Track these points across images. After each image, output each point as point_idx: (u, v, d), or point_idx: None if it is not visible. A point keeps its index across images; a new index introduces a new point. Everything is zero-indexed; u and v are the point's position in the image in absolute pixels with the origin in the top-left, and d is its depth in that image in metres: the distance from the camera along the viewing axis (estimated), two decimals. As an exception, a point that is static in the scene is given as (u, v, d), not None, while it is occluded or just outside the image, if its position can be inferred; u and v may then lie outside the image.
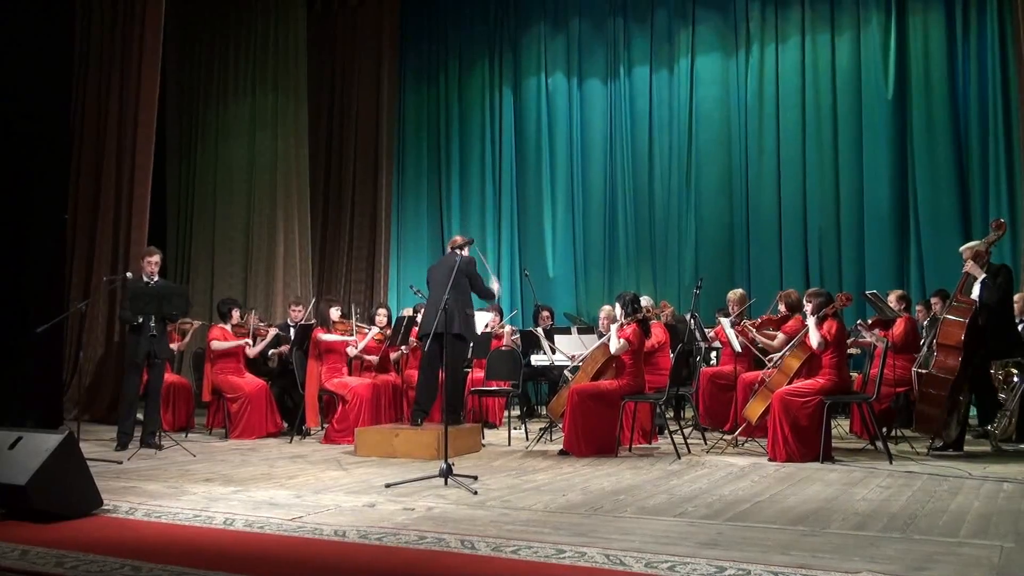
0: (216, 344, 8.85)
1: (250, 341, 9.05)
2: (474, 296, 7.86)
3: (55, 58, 10.40)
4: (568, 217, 12.65)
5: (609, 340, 7.46)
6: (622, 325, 7.43)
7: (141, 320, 7.75)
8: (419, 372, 7.91)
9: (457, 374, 7.78)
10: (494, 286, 8.03)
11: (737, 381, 8.12)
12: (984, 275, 7.06)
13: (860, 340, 8.67)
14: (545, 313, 10.67)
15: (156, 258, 8.10)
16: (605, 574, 3.54)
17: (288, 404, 9.38)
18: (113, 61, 10.86)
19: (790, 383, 7.00)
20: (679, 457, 6.96)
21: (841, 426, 8.63)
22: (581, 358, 7.97)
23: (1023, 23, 9.71)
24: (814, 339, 6.85)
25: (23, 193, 9.71)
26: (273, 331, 9.38)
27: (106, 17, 10.98)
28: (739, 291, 9.41)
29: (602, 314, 8.99)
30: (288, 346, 9.35)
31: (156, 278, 8.01)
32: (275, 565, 3.82)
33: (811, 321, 6.94)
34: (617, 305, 7.61)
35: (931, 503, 4.96)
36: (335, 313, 8.84)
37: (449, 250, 7.98)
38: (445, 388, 7.38)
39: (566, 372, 8.42)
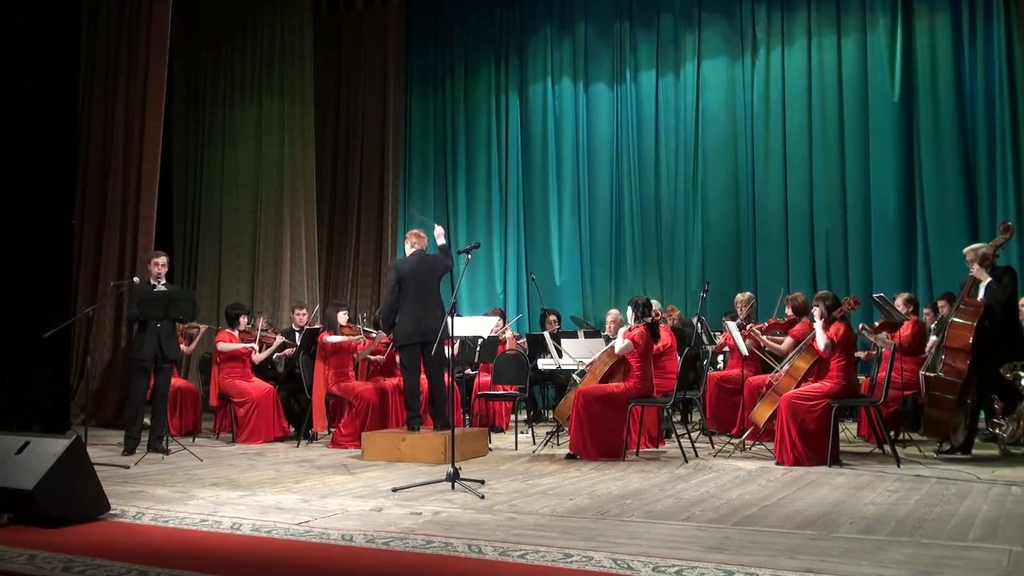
0: (222, 345, 8.88)
1: (255, 346, 9.07)
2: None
3: (62, 63, 10.44)
4: (574, 221, 12.64)
5: (619, 337, 7.46)
6: (630, 328, 7.42)
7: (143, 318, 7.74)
8: (406, 378, 7.74)
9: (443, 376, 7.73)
10: (439, 231, 7.88)
11: (744, 385, 8.10)
12: (989, 279, 7.05)
13: (870, 352, 8.67)
14: (552, 317, 10.67)
15: (163, 260, 8.05)
16: (612, 578, 3.54)
17: (295, 408, 9.40)
18: (119, 66, 10.90)
19: (797, 387, 6.99)
20: (686, 461, 6.95)
21: (849, 430, 8.62)
22: (589, 362, 7.95)
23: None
24: (821, 342, 6.85)
25: (30, 198, 9.75)
26: (280, 339, 9.40)
27: (112, 22, 11.02)
28: (747, 293, 9.39)
29: (609, 318, 8.99)
30: (293, 349, 9.36)
31: (164, 281, 7.98)
32: (282, 569, 3.82)
33: (818, 324, 6.94)
34: (629, 308, 7.60)
35: (939, 507, 4.94)
36: (343, 317, 8.85)
37: (416, 248, 7.72)
38: (443, 392, 7.41)
39: (574, 376, 8.41)
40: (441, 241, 7.86)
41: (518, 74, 13.15)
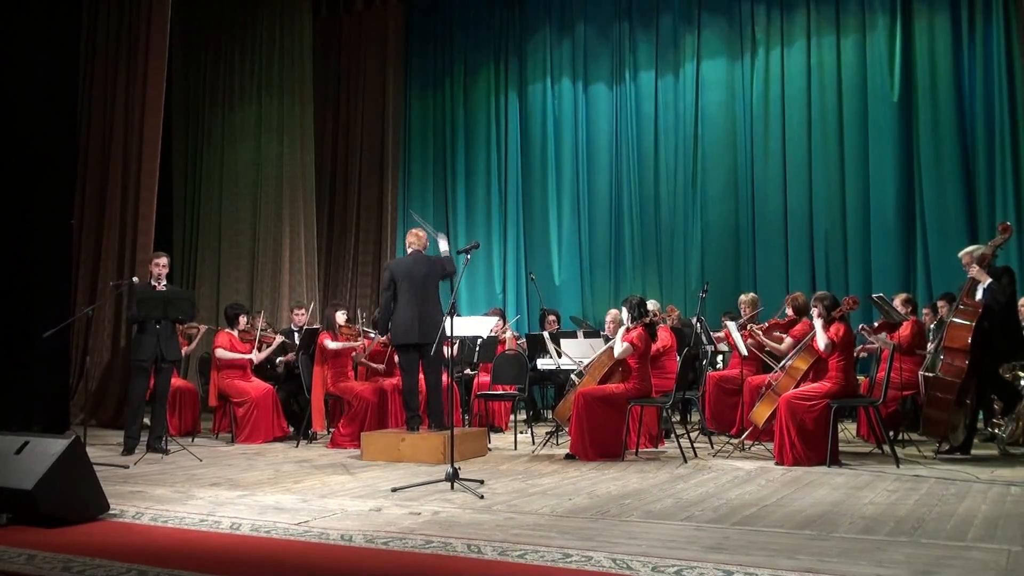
0: (220, 352, 8.87)
1: (252, 357, 9.01)
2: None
3: (61, 63, 10.45)
4: (574, 221, 12.64)
5: (618, 339, 7.46)
6: (628, 329, 7.42)
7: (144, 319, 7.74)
8: (404, 379, 7.73)
9: (441, 377, 7.72)
10: (444, 245, 7.78)
11: (743, 385, 8.11)
12: (989, 279, 7.06)
13: (868, 347, 8.66)
14: (551, 317, 10.67)
15: (164, 261, 8.06)
16: (611, 578, 3.54)
17: (294, 408, 9.40)
18: (119, 66, 10.90)
19: (797, 387, 6.99)
20: (685, 461, 6.95)
21: (848, 430, 8.62)
22: (587, 363, 7.95)
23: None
24: (821, 341, 6.85)
25: (29, 198, 9.75)
26: (279, 339, 9.39)
27: (112, 22, 11.02)
28: (751, 295, 9.39)
29: (608, 318, 9.00)
30: (294, 354, 9.36)
31: (164, 281, 7.99)
32: (281, 569, 3.82)
33: (818, 324, 6.94)
34: (624, 309, 7.60)
35: (938, 507, 4.95)
36: (341, 317, 8.85)
37: (414, 248, 7.69)
38: (438, 394, 7.40)
39: (572, 376, 8.41)
40: (444, 247, 7.80)
41: (517, 74, 13.14)
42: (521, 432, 8.89)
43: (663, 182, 12.16)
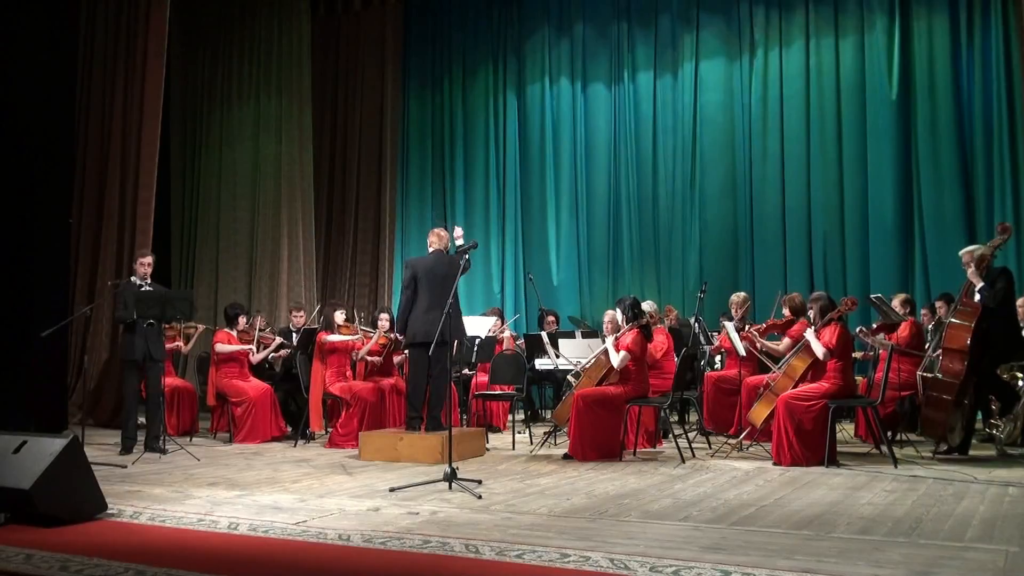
0: (220, 347, 8.88)
1: (254, 348, 9.06)
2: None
3: (59, 63, 10.44)
4: (572, 221, 12.64)
5: (610, 348, 7.43)
6: (623, 332, 7.40)
7: (136, 318, 7.74)
8: (411, 379, 7.67)
9: (448, 378, 7.68)
10: (459, 239, 7.63)
11: (741, 385, 8.10)
12: (982, 283, 7.04)
13: (867, 354, 8.67)
14: (550, 317, 10.67)
15: (149, 260, 8.13)
16: (609, 578, 3.54)
17: (292, 408, 9.40)
18: (117, 66, 10.90)
19: (795, 387, 6.99)
20: (683, 461, 6.95)
21: (846, 430, 8.62)
22: (583, 365, 7.94)
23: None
24: (818, 351, 6.83)
25: (28, 197, 9.74)
26: (277, 340, 9.39)
27: (110, 22, 11.03)
28: (742, 294, 9.39)
29: (606, 319, 8.98)
30: (288, 350, 9.35)
31: (148, 280, 8.02)
32: (279, 569, 3.82)
33: (810, 333, 6.93)
34: (618, 310, 7.59)
35: (936, 507, 4.95)
36: (340, 317, 8.85)
37: (436, 248, 7.67)
38: (443, 393, 7.37)
39: (569, 377, 8.40)
40: (459, 242, 7.72)
41: (516, 74, 13.15)
42: (519, 432, 8.89)
43: (661, 182, 12.17)
